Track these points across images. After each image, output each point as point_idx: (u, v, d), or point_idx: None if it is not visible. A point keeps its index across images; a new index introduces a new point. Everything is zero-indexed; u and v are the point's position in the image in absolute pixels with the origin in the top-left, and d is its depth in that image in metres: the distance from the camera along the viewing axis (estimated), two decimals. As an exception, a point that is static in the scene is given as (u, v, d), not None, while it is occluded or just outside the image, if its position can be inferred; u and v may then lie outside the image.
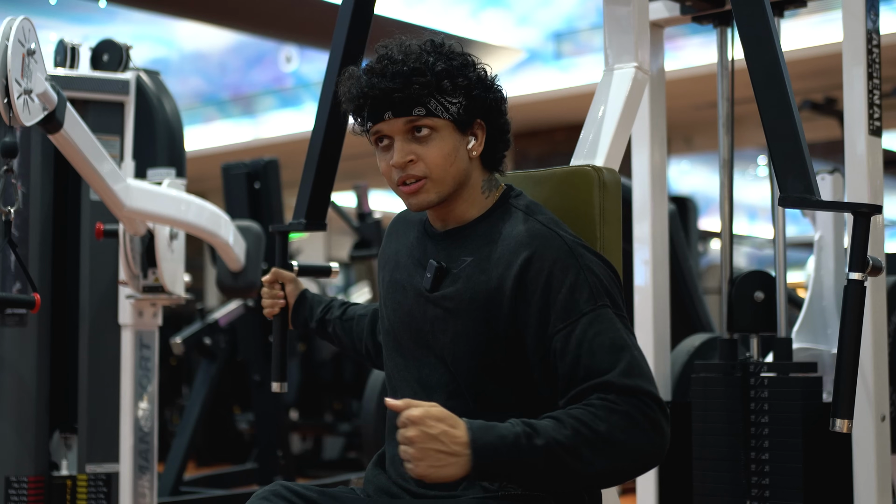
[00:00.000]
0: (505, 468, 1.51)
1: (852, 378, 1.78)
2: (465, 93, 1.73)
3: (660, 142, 2.96)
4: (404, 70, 1.69)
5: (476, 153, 1.77)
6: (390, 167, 1.74)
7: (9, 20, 2.33)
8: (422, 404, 1.51)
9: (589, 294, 1.64)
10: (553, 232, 1.70)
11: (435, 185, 1.73)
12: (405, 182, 1.73)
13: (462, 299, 1.71)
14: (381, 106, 1.71)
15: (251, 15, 7.31)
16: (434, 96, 1.71)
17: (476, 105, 1.75)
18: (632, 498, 3.01)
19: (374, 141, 1.76)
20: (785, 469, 2.55)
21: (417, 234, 1.86)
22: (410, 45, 1.73)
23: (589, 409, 1.56)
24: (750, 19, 1.96)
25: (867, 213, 1.81)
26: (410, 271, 1.82)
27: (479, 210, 1.79)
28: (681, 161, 11.76)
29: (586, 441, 1.53)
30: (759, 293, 2.75)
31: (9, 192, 2.53)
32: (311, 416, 7.01)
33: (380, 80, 1.70)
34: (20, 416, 3.15)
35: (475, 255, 1.74)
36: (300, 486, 1.70)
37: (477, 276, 1.71)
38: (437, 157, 1.72)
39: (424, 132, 1.71)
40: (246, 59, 9.54)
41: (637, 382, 1.59)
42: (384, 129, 1.73)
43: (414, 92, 1.69)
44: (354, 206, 6.85)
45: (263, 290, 2.21)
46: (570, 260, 1.66)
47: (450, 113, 1.72)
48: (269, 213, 4.94)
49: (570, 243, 1.69)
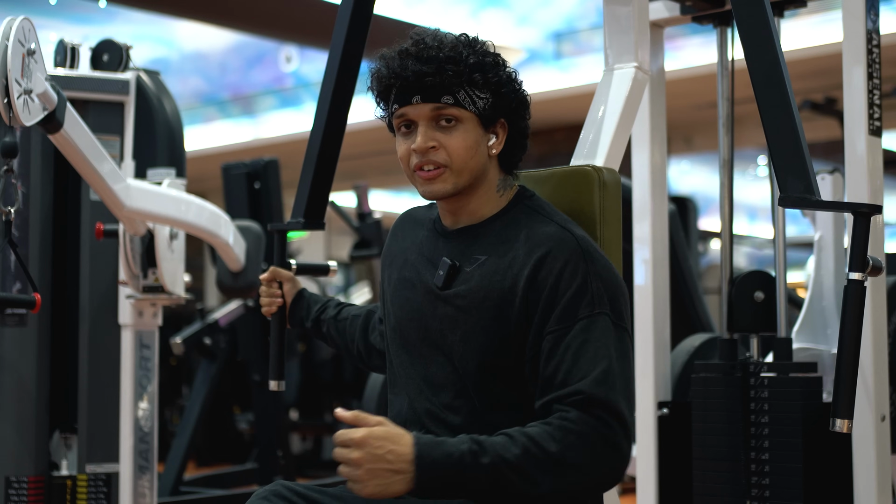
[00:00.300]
0: (449, 485, 1.52)
1: (852, 378, 1.78)
2: (494, 90, 1.74)
3: (660, 142, 2.96)
4: (439, 56, 1.70)
5: (495, 151, 1.77)
6: (410, 151, 1.74)
7: (9, 20, 2.33)
8: (369, 419, 1.51)
9: (590, 299, 1.64)
10: (569, 234, 1.70)
11: (453, 175, 1.73)
12: (423, 168, 1.73)
13: (475, 298, 1.71)
14: (410, 89, 1.72)
15: (251, 15, 7.31)
16: (464, 87, 1.71)
17: (502, 103, 1.76)
18: (632, 498, 3.01)
19: (398, 125, 1.76)
20: (785, 469, 2.55)
21: (427, 232, 1.86)
22: (446, 35, 1.75)
23: (545, 427, 1.56)
24: (750, 19, 1.96)
25: (867, 213, 1.81)
26: (420, 269, 1.81)
27: (493, 209, 1.79)
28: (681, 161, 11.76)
29: (535, 461, 1.53)
30: (759, 293, 2.75)
31: (9, 192, 2.53)
32: (311, 416, 7.01)
33: (413, 63, 1.70)
34: (20, 416, 3.15)
35: (489, 254, 1.74)
36: (301, 486, 1.70)
37: (491, 276, 1.71)
38: (459, 148, 1.72)
39: (451, 122, 1.72)
40: (246, 59, 9.54)
41: (607, 395, 1.58)
42: (410, 114, 1.73)
43: (446, 79, 1.70)
44: (354, 206, 6.85)
45: (261, 288, 2.21)
46: (581, 264, 1.66)
47: (476, 107, 1.73)
48: (269, 213, 4.94)
49: (584, 247, 1.69)
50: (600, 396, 1.57)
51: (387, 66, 1.74)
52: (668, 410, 2.83)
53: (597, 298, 1.64)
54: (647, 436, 2.84)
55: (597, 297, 1.64)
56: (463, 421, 1.71)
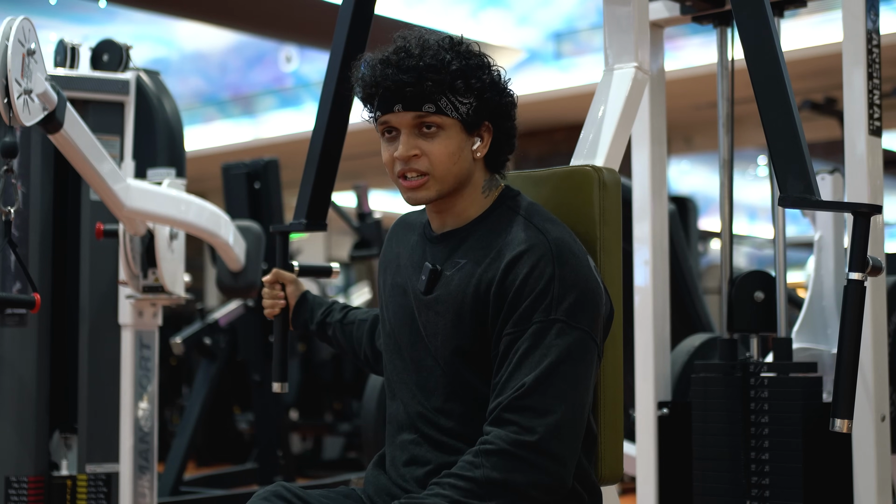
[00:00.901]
0: None
1: (852, 378, 1.78)
2: (477, 94, 1.73)
3: (660, 142, 2.96)
4: (419, 65, 1.69)
5: (480, 154, 1.77)
6: (393, 158, 1.74)
7: (9, 20, 2.32)
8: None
9: (547, 304, 1.64)
10: (543, 237, 1.69)
11: (436, 182, 1.73)
12: (405, 176, 1.74)
13: (453, 302, 1.72)
14: (391, 97, 1.71)
15: (251, 15, 7.31)
16: (446, 94, 1.71)
17: (486, 107, 1.75)
18: (632, 498, 3.00)
19: (381, 131, 1.76)
20: (785, 469, 2.55)
21: (418, 237, 1.86)
22: (428, 39, 1.73)
23: (467, 458, 1.61)
24: (750, 19, 1.96)
25: (867, 213, 1.81)
26: (410, 274, 1.82)
27: (479, 210, 1.79)
28: (681, 161, 11.76)
29: (467, 492, 1.57)
30: (759, 293, 2.75)
31: (9, 192, 2.53)
32: (311, 416, 7.01)
33: (394, 72, 1.70)
34: (20, 416, 3.14)
35: (468, 258, 1.74)
36: (301, 488, 1.71)
37: (468, 279, 1.72)
38: (441, 155, 1.72)
39: (432, 129, 1.72)
40: (246, 59, 9.54)
41: (530, 403, 1.60)
42: (392, 121, 1.73)
43: (426, 88, 1.69)
44: (354, 206, 6.84)
45: (264, 290, 2.21)
46: (548, 268, 1.66)
47: (459, 113, 1.72)
48: (269, 213, 4.94)
49: (555, 251, 1.68)
50: (519, 407, 1.60)
51: (370, 73, 1.73)
52: (668, 410, 2.83)
53: (555, 303, 1.64)
54: (647, 436, 2.84)
55: (555, 301, 1.64)
56: (455, 424, 1.72)
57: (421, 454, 1.75)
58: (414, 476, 1.74)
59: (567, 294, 1.65)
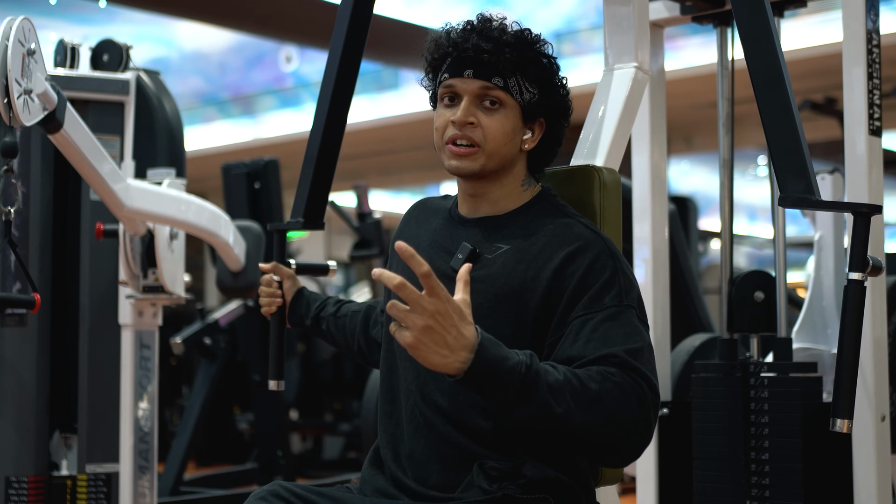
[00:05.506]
0: (492, 386, 1.50)
1: (852, 378, 1.78)
2: (544, 87, 1.78)
3: (660, 142, 2.96)
4: (502, 38, 1.74)
5: (528, 147, 1.80)
6: (448, 122, 1.75)
7: (9, 20, 2.33)
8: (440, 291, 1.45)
9: (617, 292, 1.66)
10: (597, 235, 1.73)
11: (484, 155, 1.75)
12: (455, 142, 1.75)
13: (494, 283, 1.72)
14: (465, 62, 1.74)
15: (251, 15, 7.32)
16: (516, 75, 1.74)
17: (547, 103, 1.79)
18: (632, 498, 3.01)
19: (442, 95, 1.78)
20: (785, 469, 2.55)
21: (442, 221, 1.87)
22: (512, 24, 1.78)
23: (587, 371, 1.58)
24: (750, 19, 1.96)
25: (867, 213, 1.81)
26: (432, 257, 1.79)
27: (516, 202, 1.81)
28: (681, 161, 11.77)
29: (573, 391, 1.54)
30: (759, 293, 2.75)
31: (9, 192, 2.53)
32: (311, 416, 7.01)
33: (476, 38, 1.74)
34: (20, 416, 3.15)
35: (512, 245, 1.74)
36: (298, 487, 1.70)
37: (513, 265, 1.72)
38: (496, 131, 1.74)
39: (494, 105, 1.74)
40: (246, 59, 9.55)
41: (642, 367, 1.60)
42: (457, 86, 1.75)
43: (502, 61, 1.72)
44: (354, 206, 6.85)
45: (261, 288, 2.21)
46: (609, 261, 1.69)
47: (522, 98, 1.76)
48: (269, 213, 4.94)
49: (611, 247, 1.72)
50: (635, 364, 1.60)
51: (448, 36, 1.77)
52: (668, 410, 2.84)
53: (624, 292, 1.67)
54: (647, 436, 2.84)
55: (624, 290, 1.67)
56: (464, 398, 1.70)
57: (425, 434, 1.73)
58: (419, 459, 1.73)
59: (632, 288, 1.69)
